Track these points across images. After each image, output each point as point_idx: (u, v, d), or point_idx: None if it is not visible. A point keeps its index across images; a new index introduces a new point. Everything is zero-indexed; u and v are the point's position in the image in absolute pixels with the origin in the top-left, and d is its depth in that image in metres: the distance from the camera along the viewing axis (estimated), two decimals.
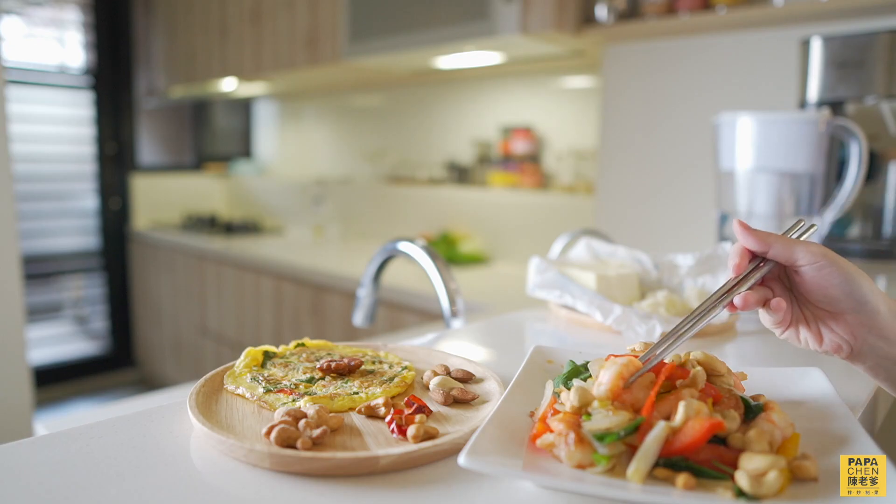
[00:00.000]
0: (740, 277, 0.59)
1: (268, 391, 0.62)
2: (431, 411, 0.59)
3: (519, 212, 2.76)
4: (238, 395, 0.63)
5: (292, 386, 0.64)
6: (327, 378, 0.66)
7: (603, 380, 0.51)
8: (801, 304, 0.61)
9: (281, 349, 0.74)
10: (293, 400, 0.60)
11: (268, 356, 0.72)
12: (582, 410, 0.50)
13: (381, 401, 0.59)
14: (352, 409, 0.60)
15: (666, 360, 0.55)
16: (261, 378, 0.65)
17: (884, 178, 1.54)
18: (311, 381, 0.65)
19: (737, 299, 0.58)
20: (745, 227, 0.58)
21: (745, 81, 1.87)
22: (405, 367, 0.70)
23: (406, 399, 0.60)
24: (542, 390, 0.61)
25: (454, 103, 3.06)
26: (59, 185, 3.85)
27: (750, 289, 0.59)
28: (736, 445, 0.48)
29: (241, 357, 0.69)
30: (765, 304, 0.59)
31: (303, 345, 0.76)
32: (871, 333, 0.57)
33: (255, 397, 0.61)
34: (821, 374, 0.63)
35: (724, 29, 1.87)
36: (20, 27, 3.64)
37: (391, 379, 0.66)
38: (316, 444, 0.51)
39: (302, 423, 0.53)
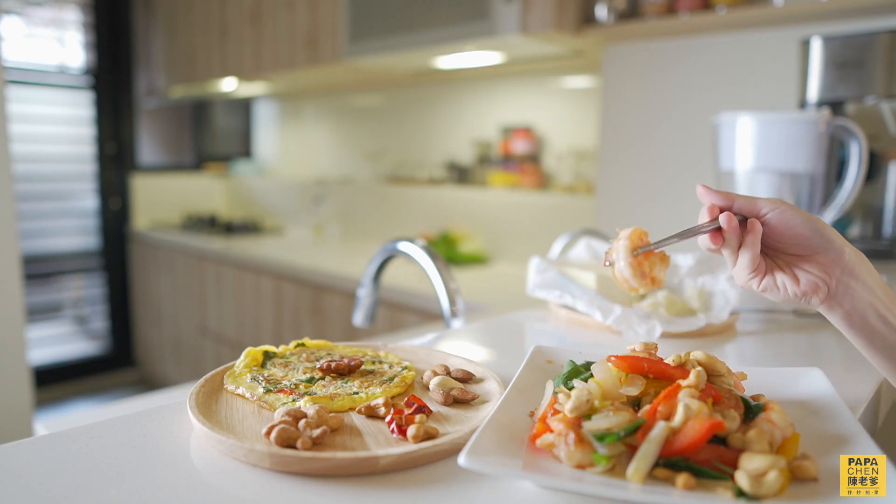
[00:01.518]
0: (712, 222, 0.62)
1: (268, 391, 0.62)
2: (431, 411, 0.59)
3: (519, 212, 2.76)
4: (238, 395, 0.63)
5: (292, 386, 0.63)
6: (327, 378, 0.66)
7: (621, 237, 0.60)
8: (773, 255, 0.63)
9: (281, 349, 0.74)
10: (293, 400, 0.60)
11: (268, 356, 0.72)
12: (581, 414, 0.50)
13: (381, 401, 0.59)
14: (352, 409, 0.60)
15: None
16: (261, 378, 0.65)
17: (884, 178, 1.54)
18: (311, 381, 0.65)
19: (721, 217, 0.60)
20: (708, 188, 0.63)
21: (745, 81, 1.87)
22: (405, 367, 0.70)
23: (406, 399, 0.60)
24: (542, 390, 0.60)
25: (454, 103, 3.06)
26: (59, 185, 3.85)
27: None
28: (736, 445, 0.48)
29: (241, 357, 0.69)
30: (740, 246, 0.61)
31: (303, 345, 0.76)
32: (844, 273, 0.60)
33: (255, 397, 0.61)
34: (821, 374, 0.63)
35: (724, 29, 1.87)
36: (20, 27, 3.64)
37: (391, 379, 0.66)
38: (316, 444, 0.51)
39: (302, 423, 0.53)
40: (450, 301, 1.08)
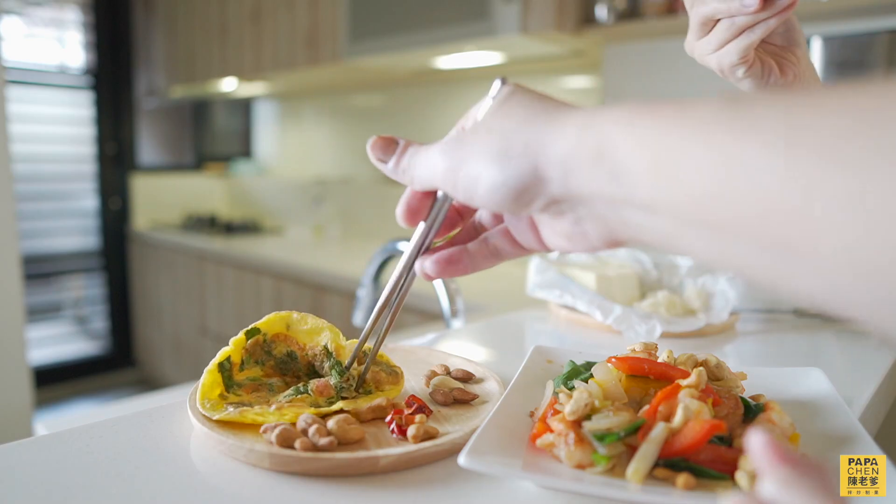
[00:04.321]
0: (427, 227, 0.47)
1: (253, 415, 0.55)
2: (431, 411, 0.58)
3: None
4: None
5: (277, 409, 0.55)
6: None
7: None
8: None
9: (232, 346, 0.63)
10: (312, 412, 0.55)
11: (223, 368, 0.61)
12: (580, 417, 0.50)
13: (382, 401, 0.59)
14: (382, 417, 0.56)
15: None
16: (231, 409, 0.55)
17: None
18: (297, 392, 0.58)
19: (427, 265, 0.46)
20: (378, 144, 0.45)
21: None
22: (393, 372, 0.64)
23: (406, 399, 0.60)
24: (542, 390, 0.60)
25: (454, 103, 3.06)
26: (59, 185, 3.85)
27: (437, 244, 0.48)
28: (736, 445, 0.48)
29: (202, 378, 0.59)
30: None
31: (257, 330, 0.66)
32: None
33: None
34: (821, 374, 0.63)
35: None
36: (20, 27, 3.64)
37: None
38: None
39: (313, 428, 0.51)
40: (450, 301, 1.08)
